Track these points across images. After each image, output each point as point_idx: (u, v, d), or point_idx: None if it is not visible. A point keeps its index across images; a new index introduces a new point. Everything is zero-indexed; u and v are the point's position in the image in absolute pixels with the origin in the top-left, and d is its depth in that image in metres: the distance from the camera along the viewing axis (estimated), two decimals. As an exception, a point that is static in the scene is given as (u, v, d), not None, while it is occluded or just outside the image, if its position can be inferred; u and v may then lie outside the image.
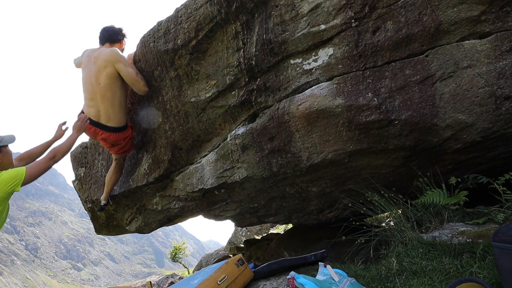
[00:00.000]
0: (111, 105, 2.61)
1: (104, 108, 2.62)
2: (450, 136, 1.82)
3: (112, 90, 2.58)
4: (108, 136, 2.71)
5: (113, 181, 3.19)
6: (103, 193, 3.29)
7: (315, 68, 2.03)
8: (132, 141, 2.96)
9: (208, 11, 2.21)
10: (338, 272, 1.69)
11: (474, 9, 1.65)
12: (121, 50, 2.83)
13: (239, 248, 5.89)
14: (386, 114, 1.85)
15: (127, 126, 2.82)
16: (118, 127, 2.71)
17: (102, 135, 2.71)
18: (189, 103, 2.55)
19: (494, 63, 1.64)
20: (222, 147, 2.56)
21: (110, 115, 2.64)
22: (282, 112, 2.15)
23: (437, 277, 1.38)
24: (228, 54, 2.27)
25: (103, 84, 2.56)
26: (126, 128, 2.80)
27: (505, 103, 1.66)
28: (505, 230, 1.15)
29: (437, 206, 1.97)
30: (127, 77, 2.55)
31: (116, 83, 2.58)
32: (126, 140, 2.84)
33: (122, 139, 2.79)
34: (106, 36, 2.76)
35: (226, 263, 1.95)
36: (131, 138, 2.90)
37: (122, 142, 2.81)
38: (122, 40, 2.85)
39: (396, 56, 1.83)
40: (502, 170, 1.96)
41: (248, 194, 2.76)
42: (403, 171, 2.17)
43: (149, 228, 3.86)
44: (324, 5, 1.92)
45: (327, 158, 2.11)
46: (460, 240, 1.59)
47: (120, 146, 2.84)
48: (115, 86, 2.59)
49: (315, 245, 3.12)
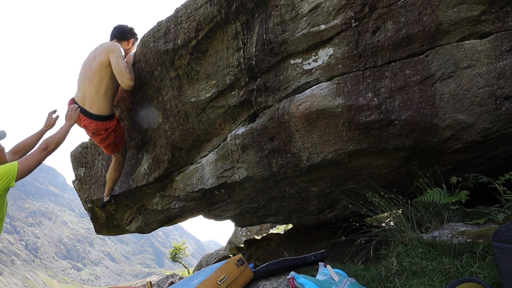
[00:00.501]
0: (95, 91, 2.60)
1: (89, 93, 2.61)
2: (450, 136, 1.82)
3: (100, 76, 2.59)
4: (89, 123, 2.66)
5: (113, 179, 3.17)
6: (105, 190, 3.30)
7: (315, 68, 2.03)
8: (117, 135, 2.82)
9: (208, 11, 2.21)
10: (338, 272, 1.69)
11: (474, 9, 1.65)
12: (127, 49, 2.85)
13: (239, 248, 5.90)
14: (386, 114, 1.85)
15: (111, 118, 2.74)
16: (100, 115, 2.65)
17: (85, 121, 2.67)
18: (189, 103, 2.55)
19: (494, 63, 1.64)
20: (222, 147, 2.56)
21: (93, 100, 2.61)
22: (282, 112, 2.15)
23: (437, 277, 1.38)
24: (228, 54, 2.27)
25: (93, 68, 2.61)
26: (109, 119, 2.71)
27: (505, 103, 1.66)
28: (505, 230, 1.14)
29: (437, 206, 1.97)
30: (114, 67, 2.55)
31: (106, 71, 2.59)
32: (107, 132, 2.72)
33: (103, 130, 2.69)
34: (115, 32, 2.85)
35: (226, 263, 1.95)
36: (114, 131, 2.77)
37: (103, 133, 2.70)
38: (130, 39, 2.87)
39: (396, 56, 1.83)
40: (502, 170, 1.96)
41: (248, 194, 2.76)
42: (403, 171, 2.17)
43: (149, 228, 3.86)
44: (324, 5, 1.92)
45: (327, 158, 2.11)
46: (460, 240, 1.59)
47: (101, 137, 2.74)
48: (104, 73, 2.60)
49: (315, 245, 3.12)
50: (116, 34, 2.84)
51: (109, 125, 2.72)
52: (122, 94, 3.04)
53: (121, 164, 3.14)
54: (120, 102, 3.11)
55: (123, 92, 3.02)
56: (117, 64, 2.54)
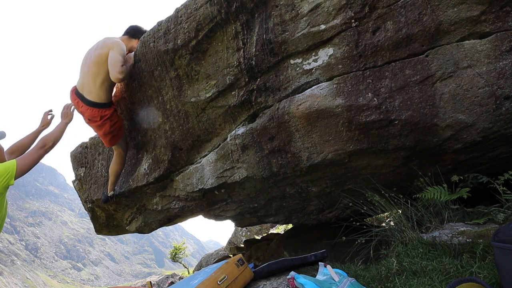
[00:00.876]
0: (93, 79, 2.70)
1: (87, 80, 2.72)
2: (450, 136, 1.82)
3: (97, 68, 2.69)
4: (86, 110, 2.76)
5: (115, 173, 3.20)
6: (109, 185, 3.32)
7: (315, 68, 2.03)
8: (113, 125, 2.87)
9: (208, 11, 2.21)
10: (338, 272, 1.69)
11: (474, 9, 1.65)
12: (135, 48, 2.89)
13: (239, 248, 5.90)
14: (386, 114, 1.85)
15: (107, 106, 2.81)
16: (96, 102, 2.73)
17: (82, 108, 2.77)
18: (189, 103, 2.55)
19: (494, 63, 1.64)
20: (222, 147, 2.56)
21: (91, 88, 2.71)
22: (282, 112, 2.15)
23: (437, 277, 1.38)
24: (228, 54, 2.27)
25: (92, 59, 2.71)
26: (105, 107, 2.79)
27: (505, 103, 1.66)
28: (505, 230, 1.14)
29: (437, 206, 1.97)
30: (109, 60, 2.63)
31: (104, 65, 2.68)
32: (102, 120, 2.79)
33: (98, 117, 2.77)
34: (129, 29, 3.01)
35: (226, 263, 1.95)
36: (109, 120, 2.82)
37: (98, 120, 2.78)
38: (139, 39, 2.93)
39: (396, 56, 1.83)
40: (502, 170, 1.96)
41: (248, 194, 2.76)
42: (403, 171, 2.17)
43: (149, 228, 3.87)
44: (324, 5, 1.92)
45: (327, 158, 2.11)
46: (460, 240, 1.59)
47: (97, 124, 2.81)
48: (101, 66, 2.68)
49: (315, 245, 3.12)
50: (129, 31, 2.99)
51: (105, 113, 2.80)
52: (122, 94, 3.04)
53: (122, 158, 3.17)
54: (120, 102, 3.11)
55: (123, 92, 3.02)
56: (112, 57, 2.63)
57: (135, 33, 2.98)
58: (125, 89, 2.98)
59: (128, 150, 3.26)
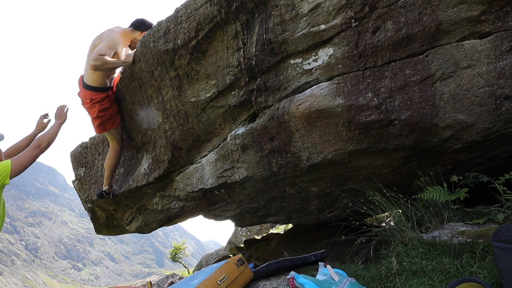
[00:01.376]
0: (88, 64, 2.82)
1: (86, 65, 2.91)
2: (450, 136, 1.82)
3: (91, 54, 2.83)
4: (81, 91, 2.97)
5: (109, 166, 3.22)
6: (104, 179, 3.33)
7: (315, 68, 2.03)
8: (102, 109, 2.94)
9: (208, 11, 2.21)
10: (338, 272, 1.69)
11: (474, 9, 1.65)
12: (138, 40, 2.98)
13: (239, 248, 5.89)
14: (386, 114, 1.85)
15: (100, 90, 2.92)
16: (89, 85, 2.89)
17: (79, 91, 2.99)
18: (189, 103, 2.55)
19: (494, 63, 1.64)
20: (222, 147, 2.56)
21: (88, 73, 2.87)
22: (282, 112, 2.15)
23: (437, 277, 1.38)
24: (228, 54, 2.27)
25: (91, 48, 2.89)
26: (97, 90, 2.91)
27: (505, 103, 1.66)
28: (505, 230, 1.14)
29: (437, 206, 1.97)
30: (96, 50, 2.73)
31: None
32: (92, 102, 2.91)
33: (89, 99, 2.90)
34: (134, 21, 3.14)
35: (226, 263, 1.95)
36: (99, 103, 2.92)
37: (88, 101, 2.92)
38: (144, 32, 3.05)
39: (396, 56, 1.83)
40: (502, 170, 1.96)
41: (248, 194, 2.76)
42: (403, 171, 2.17)
43: (149, 228, 3.86)
44: (324, 5, 1.92)
45: (327, 158, 2.11)
46: (460, 240, 1.59)
47: (87, 106, 2.95)
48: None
49: (315, 245, 3.12)
50: (134, 23, 3.11)
51: (95, 96, 2.91)
52: (122, 94, 3.04)
53: (117, 151, 3.19)
54: (120, 102, 3.11)
55: (123, 92, 3.02)
56: (98, 48, 2.73)
57: (139, 26, 3.09)
58: (125, 89, 2.98)
59: (128, 150, 3.26)
